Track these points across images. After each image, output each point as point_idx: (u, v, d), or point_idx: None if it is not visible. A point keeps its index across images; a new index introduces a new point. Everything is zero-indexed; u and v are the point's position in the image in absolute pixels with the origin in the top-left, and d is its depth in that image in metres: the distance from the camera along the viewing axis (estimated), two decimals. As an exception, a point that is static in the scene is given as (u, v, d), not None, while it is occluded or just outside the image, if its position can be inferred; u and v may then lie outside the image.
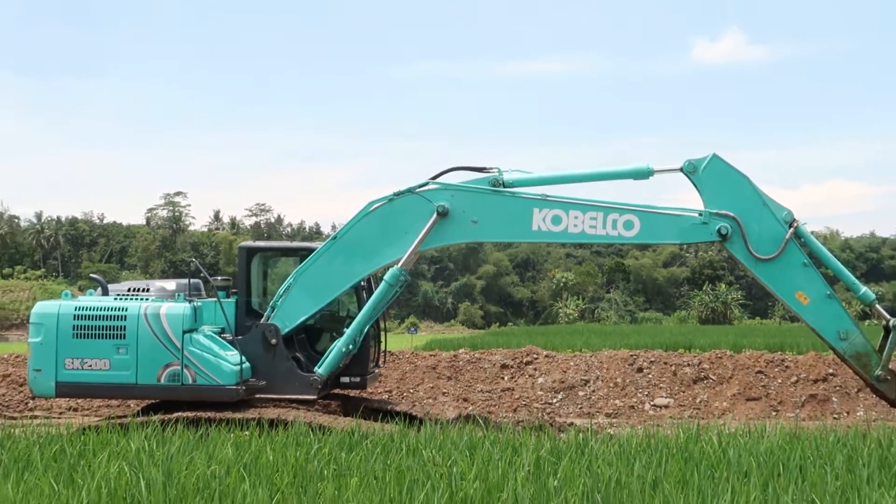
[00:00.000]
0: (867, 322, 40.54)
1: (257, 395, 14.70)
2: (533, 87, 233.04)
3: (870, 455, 9.46)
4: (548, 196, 14.53)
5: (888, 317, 14.45)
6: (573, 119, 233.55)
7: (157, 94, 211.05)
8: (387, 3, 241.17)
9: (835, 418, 22.44)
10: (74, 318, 14.35)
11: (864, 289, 14.69)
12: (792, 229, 14.14)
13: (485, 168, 14.95)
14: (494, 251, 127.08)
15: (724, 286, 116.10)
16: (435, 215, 14.36)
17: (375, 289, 15.16)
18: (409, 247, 14.56)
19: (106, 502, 7.32)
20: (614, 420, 23.50)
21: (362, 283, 15.30)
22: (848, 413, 25.12)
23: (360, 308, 15.22)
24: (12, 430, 12.29)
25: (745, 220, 14.17)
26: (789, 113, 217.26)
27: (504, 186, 14.73)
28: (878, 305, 14.79)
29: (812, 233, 15.04)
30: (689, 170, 14.39)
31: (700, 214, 14.35)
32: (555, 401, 26.80)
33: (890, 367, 14.44)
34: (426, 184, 14.75)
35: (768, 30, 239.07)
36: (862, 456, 9.41)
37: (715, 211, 14.22)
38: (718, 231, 14.15)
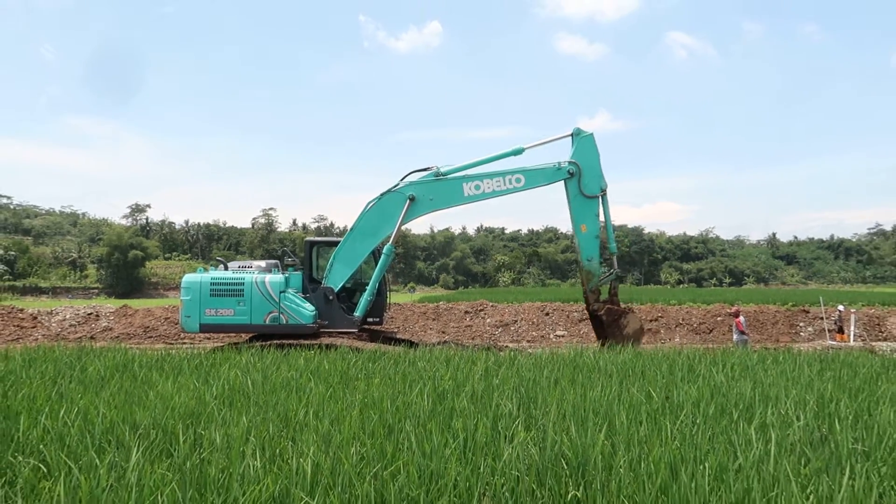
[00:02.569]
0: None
1: (323, 330, 15.00)
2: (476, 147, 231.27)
3: (682, 364, 9.58)
4: (468, 174, 14.95)
5: (616, 266, 15.59)
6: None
7: (255, 144, 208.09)
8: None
9: (662, 342, 22.65)
10: (211, 284, 14.58)
11: (614, 245, 15.50)
12: (602, 193, 14.86)
13: (428, 167, 15.18)
14: (461, 243, 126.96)
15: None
16: (408, 201, 14.80)
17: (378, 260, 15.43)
18: (396, 224, 14.87)
19: (228, 393, 7.33)
20: (532, 344, 23.61)
21: (372, 256, 15.49)
22: (670, 339, 25.37)
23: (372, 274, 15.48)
24: (171, 351, 12.29)
25: (585, 171, 14.81)
26: (636, 162, 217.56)
27: (443, 175, 15.01)
28: (615, 258, 15.60)
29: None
30: (575, 133, 15.07)
31: (557, 164, 14.89)
32: (497, 333, 26.89)
33: (598, 290, 15.22)
34: (398, 184, 15.14)
35: (624, 111, 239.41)
36: (678, 364, 9.53)
37: (567, 160, 14.86)
38: (568, 171, 14.78)
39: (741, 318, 20.03)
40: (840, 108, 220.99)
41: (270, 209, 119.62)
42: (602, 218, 15.14)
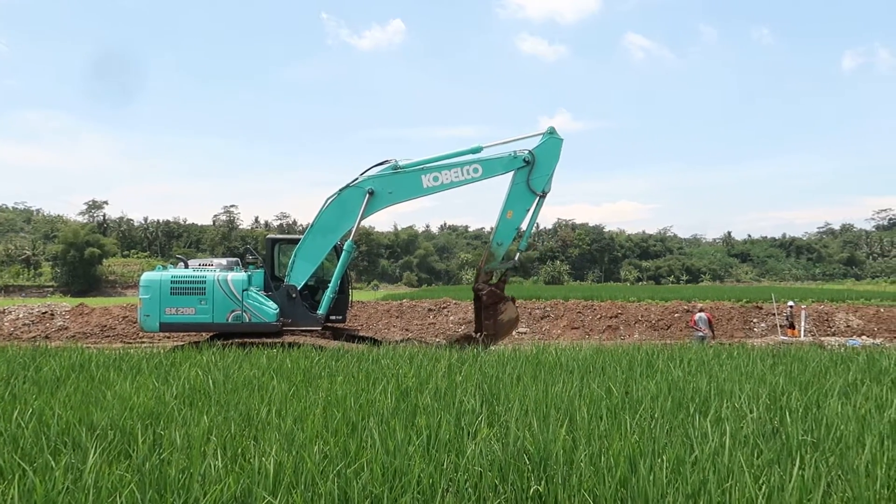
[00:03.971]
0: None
1: (286, 328, 14.84)
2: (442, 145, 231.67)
3: (641, 360, 9.75)
4: (426, 167, 14.88)
5: (517, 260, 15.63)
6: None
7: (217, 140, 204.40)
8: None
9: (621, 339, 22.99)
10: (172, 283, 14.29)
11: (525, 243, 15.95)
12: (543, 195, 14.83)
13: (386, 161, 15.08)
14: (424, 241, 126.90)
15: (558, 262, 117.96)
16: (367, 196, 14.62)
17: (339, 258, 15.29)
18: (356, 218, 14.75)
19: (188, 392, 7.21)
20: (494, 341, 23.70)
21: (334, 253, 15.34)
22: (629, 336, 25.75)
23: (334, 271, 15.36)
24: (129, 350, 12.03)
25: (539, 165, 14.75)
26: (597, 162, 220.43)
27: (401, 168, 14.93)
28: (521, 253, 15.76)
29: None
30: (549, 131, 14.98)
31: (512, 153, 14.86)
32: (460, 329, 26.94)
33: (490, 274, 15.30)
34: (357, 178, 15.00)
35: (584, 111, 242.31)
36: (637, 360, 9.69)
37: (522, 149, 14.84)
38: (524, 160, 14.71)
39: (697, 316, 20.50)
40: (792, 109, 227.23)
41: (232, 206, 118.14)
42: (529, 218, 15.22)
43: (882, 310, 28.81)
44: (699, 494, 3.91)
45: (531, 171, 14.70)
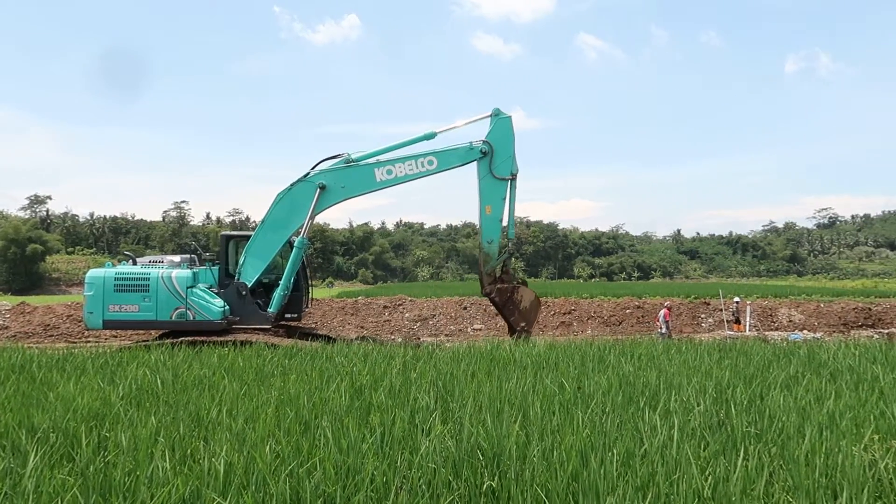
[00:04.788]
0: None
1: (234, 326, 14.61)
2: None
3: (593, 355, 9.89)
4: (379, 159, 14.63)
5: (510, 247, 15.50)
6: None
7: (166, 134, 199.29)
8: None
9: (574, 335, 23.33)
10: (115, 279, 13.99)
11: (513, 231, 15.43)
12: (512, 177, 14.65)
13: (339, 154, 14.87)
14: (380, 238, 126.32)
15: (514, 259, 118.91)
16: (318, 190, 14.48)
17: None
18: (307, 214, 14.55)
19: (135, 393, 7.03)
20: (450, 338, 23.79)
21: (288, 249, 15.15)
22: (582, 332, 26.13)
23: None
24: (74, 350, 11.67)
25: (498, 152, 14.56)
26: (551, 160, 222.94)
27: (354, 161, 14.71)
28: (511, 242, 15.52)
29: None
30: (494, 113, 14.73)
31: (470, 143, 14.67)
32: (415, 327, 26.94)
33: (494, 272, 15.15)
34: (308, 173, 14.79)
35: (539, 110, 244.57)
36: (589, 356, 9.83)
37: (478, 140, 14.63)
38: (481, 150, 14.52)
39: (666, 311, 21.09)
40: (739, 111, 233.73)
41: (183, 202, 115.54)
42: (507, 205, 15.00)
43: (822, 305, 29.91)
44: (648, 487, 3.98)
45: (492, 160, 14.50)
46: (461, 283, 76.45)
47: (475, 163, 14.71)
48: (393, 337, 23.56)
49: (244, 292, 14.59)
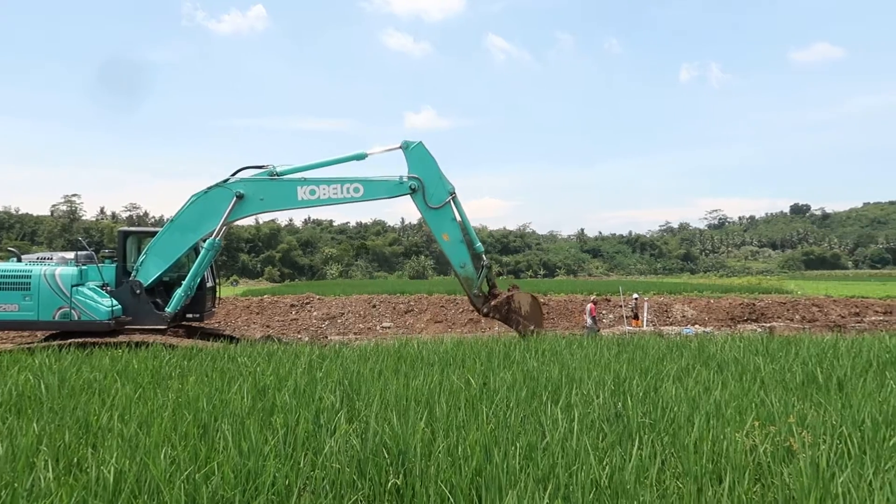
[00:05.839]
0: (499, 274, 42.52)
1: (127, 327, 13.89)
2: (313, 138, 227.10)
3: (499, 351, 10.06)
4: (305, 178, 14.08)
5: (485, 260, 14.92)
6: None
7: (56, 125, 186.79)
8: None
9: (482, 332, 23.65)
10: None
11: (479, 243, 15.01)
12: (451, 196, 14.22)
13: (264, 165, 14.34)
14: (287, 235, 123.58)
15: (423, 257, 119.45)
16: (235, 198, 13.87)
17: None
18: (220, 221, 13.97)
19: (15, 399, 6.54)
20: (359, 336, 23.58)
21: (193, 252, 14.57)
22: (490, 329, 26.54)
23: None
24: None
25: (427, 183, 14.06)
26: (462, 159, 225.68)
27: (278, 175, 14.16)
28: (482, 254, 15.05)
29: (472, 226, 15.46)
30: (404, 146, 14.15)
31: (399, 178, 14.13)
32: (323, 325, 26.55)
33: (482, 290, 14.72)
34: (228, 179, 14.15)
35: (449, 109, 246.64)
36: (495, 352, 9.98)
37: (408, 175, 14.09)
38: (410, 187, 14.00)
39: (591, 306, 21.74)
40: (637, 115, 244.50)
41: (74, 196, 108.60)
42: (461, 220, 14.56)
43: (712, 301, 31.76)
44: (549, 478, 4.09)
45: (425, 193, 14.04)
46: (370, 282, 76.07)
47: (407, 196, 14.25)
48: (300, 336, 23.11)
49: (139, 291, 13.87)
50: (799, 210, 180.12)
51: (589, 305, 22.32)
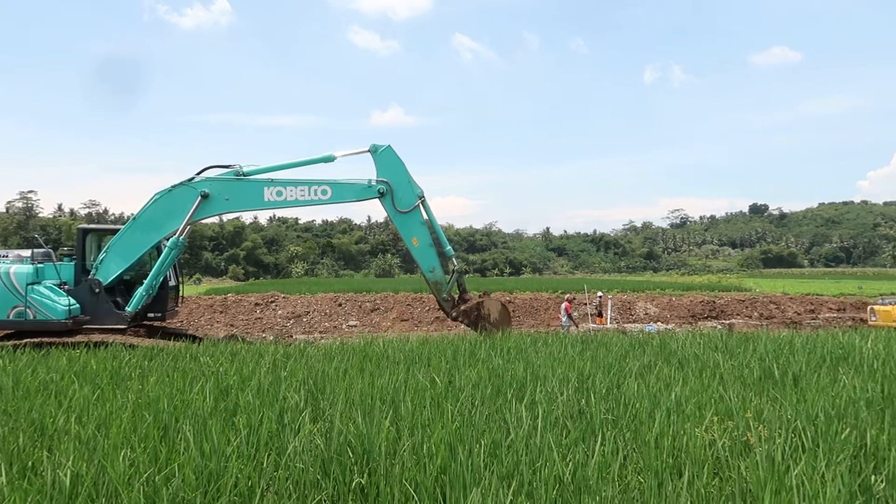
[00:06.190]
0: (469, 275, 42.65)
1: (85, 326, 13.57)
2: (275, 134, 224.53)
3: (465, 350, 10.08)
4: (272, 178, 13.88)
5: (455, 264, 14.83)
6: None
7: (11, 121, 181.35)
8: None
9: (448, 330, 23.69)
10: None
11: (448, 246, 14.92)
12: (420, 200, 14.12)
13: (230, 165, 14.10)
14: (252, 233, 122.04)
15: (389, 256, 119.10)
16: (199, 198, 13.62)
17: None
18: (184, 220, 13.71)
19: (-33, 402, 6.34)
20: (324, 335, 23.43)
21: (156, 251, 14.31)
22: (456, 327, 26.60)
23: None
24: None
25: (396, 187, 13.94)
26: (428, 157, 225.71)
27: (244, 175, 13.94)
28: (452, 258, 14.93)
29: (438, 224, 15.37)
30: (373, 150, 14.00)
31: (368, 181, 14.00)
32: (288, 324, 26.31)
33: (451, 294, 14.63)
34: (193, 178, 13.89)
35: (416, 107, 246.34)
36: (461, 350, 10.00)
37: (377, 178, 13.96)
38: (378, 191, 13.90)
39: (567, 304, 21.94)
40: (603, 115, 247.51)
41: (30, 192, 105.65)
42: (430, 223, 14.44)
43: (674, 298, 32.33)
44: (513, 475, 4.11)
45: (393, 196, 13.91)
46: (336, 280, 75.61)
47: (376, 199, 14.12)
48: (264, 335, 22.87)
49: (98, 290, 13.56)
50: (757, 210, 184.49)
51: (564, 304, 22.56)
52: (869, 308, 24.61)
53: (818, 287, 47.95)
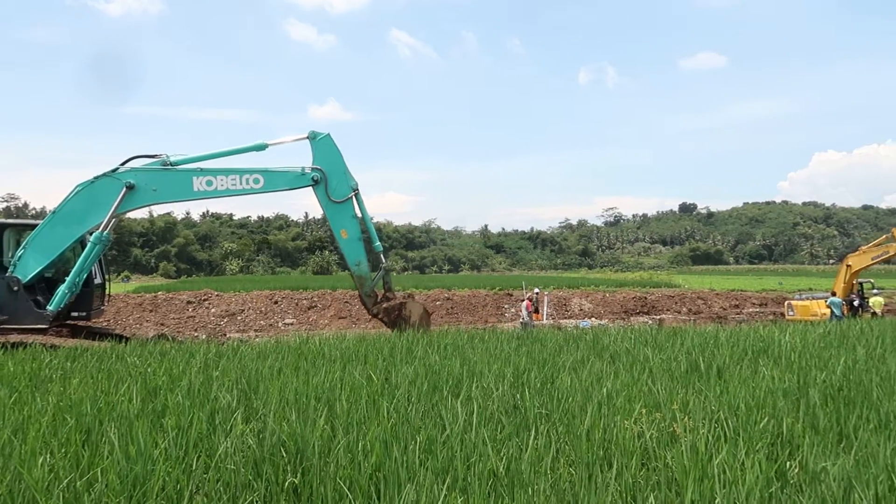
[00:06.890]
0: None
1: (3, 326, 12.90)
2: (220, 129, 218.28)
3: (402, 347, 10.05)
4: (202, 168, 13.49)
5: (384, 261, 14.85)
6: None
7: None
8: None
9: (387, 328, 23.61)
10: None
11: (378, 242, 14.93)
12: (353, 192, 14.00)
13: (157, 154, 13.62)
14: (184, 229, 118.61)
15: (327, 252, 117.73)
16: (124, 189, 13.12)
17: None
18: (108, 213, 13.20)
19: None
20: (260, 333, 23.01)
21: (80, 246, 13.72)
22: (394, 324, 26.55)
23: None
24: None
25: (331, 176, 13.74)
26: (366, 153, 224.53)
27: (172, 165, 13.51)
28: (382, 255, 14.95)
29: (376, 221, 15.38)
30: (311, 136, 13.77)
31: (301, 169, 13.77)
32: (222, 323, 25.73)
33: (375, 291, 14.58)
34: (117, 168, 13.38)
35: (354, 102, 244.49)
36: (398, 347, 9.98)
37: (311, 166, 13.75)
38: (312, 178, 13.67)
39: (529, 301, 22.18)
40: (539, 114, 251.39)
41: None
42: (362, 218, 14.33)
43: (607, 294, 33.17)
44: (447, 470, 4.14)
45: (327, 185, 13.69)
46: (272, 277, 74.33)
47: (309, 188, 13.85)
48: (197, 334, 22.27)
49: (16, 288, 12.90)
50: (687, 209, 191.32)
51: (524, 301, 22.85)
52: (787, 303, 25.90)
53: (742, 283, 50.09)
